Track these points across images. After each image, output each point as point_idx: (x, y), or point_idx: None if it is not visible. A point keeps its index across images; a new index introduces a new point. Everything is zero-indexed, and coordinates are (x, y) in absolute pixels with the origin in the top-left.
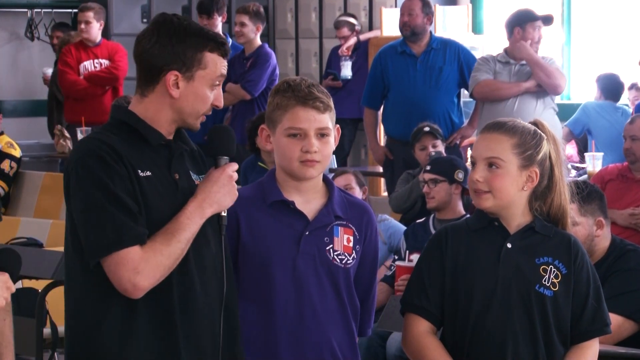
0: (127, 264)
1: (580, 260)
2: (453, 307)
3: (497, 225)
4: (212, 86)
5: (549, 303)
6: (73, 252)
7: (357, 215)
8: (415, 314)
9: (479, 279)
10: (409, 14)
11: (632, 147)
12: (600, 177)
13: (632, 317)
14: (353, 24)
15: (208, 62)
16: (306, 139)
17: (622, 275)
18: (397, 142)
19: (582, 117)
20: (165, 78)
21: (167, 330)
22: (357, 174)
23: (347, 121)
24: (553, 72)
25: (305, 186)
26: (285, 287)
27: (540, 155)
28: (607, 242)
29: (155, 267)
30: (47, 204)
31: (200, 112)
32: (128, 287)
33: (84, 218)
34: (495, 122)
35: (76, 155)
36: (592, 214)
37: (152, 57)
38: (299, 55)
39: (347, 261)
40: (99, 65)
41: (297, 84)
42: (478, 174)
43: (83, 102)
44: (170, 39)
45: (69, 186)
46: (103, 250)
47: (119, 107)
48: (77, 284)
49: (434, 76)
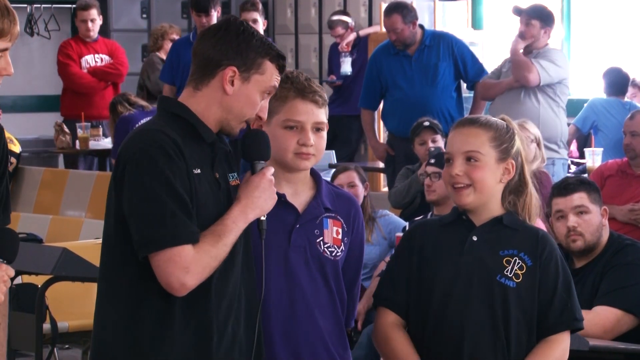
0: (178, 262)
1: (549, 254)
2: (417, 298)
3: (464, 219)
4: (263, 94)
5: (511, 294)
6: (114, 246)
7: (345, 207)
8: (383, 306)
9: (441, 270)
10: (393, 31)
11: (632, 143)
12: (600, 173)
13: (631, 311)
14: (346, 22)
15: (267, 70)
16: (303, 132)
17: (621, 269)
18: (398, 138)
19: (590, 114)
20: (223, 72)
21: (203, 329)
22: (359, 170)
23: (354, 118)
24: (519, 64)
25: (295, 178)
26: (278, 280)
27: (514, 149)
28: (606, 236)
29: (204, 268)
30: (47, 200)
31: (245, 116)
32: (175, 285)
33: (140, 209)
34: (469, 118)
35: (138, 145)
36: (599, 203)
37: (214, 50)
38: (298, 50)
39: (336, 253)
40: (99, 60)
41: (295, 76)
42: (457, 168)
43: (83, 97)
44: (237, 37)
45: (123, 175)
46: (156, 245)
47: (169, 99)
48: (115, 278)
49: (429, 73)
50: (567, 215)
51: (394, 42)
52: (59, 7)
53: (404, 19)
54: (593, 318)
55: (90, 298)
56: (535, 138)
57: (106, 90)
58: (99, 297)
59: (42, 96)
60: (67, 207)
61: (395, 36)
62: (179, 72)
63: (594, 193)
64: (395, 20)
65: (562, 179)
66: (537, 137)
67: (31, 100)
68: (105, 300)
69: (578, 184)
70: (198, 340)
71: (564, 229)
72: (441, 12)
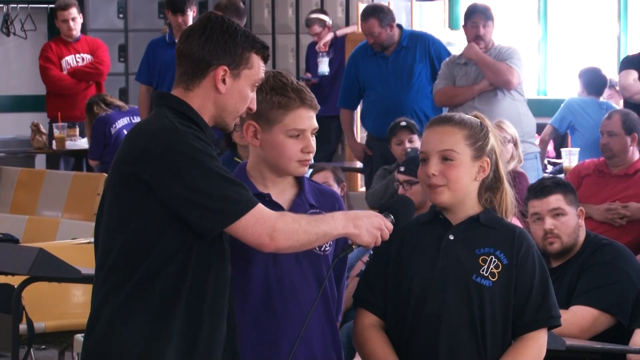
0: (265, 221)
1: (525, 252)
2: (394, 299)
3: (441, 218)
4: (253, 87)
5: (487, 293)
6: (119, 254)
7: (329, 203)
8: (362, 307)
9: (418, 270)
10: (371, 35)
11: (609, 143)
12: (577, 172)
13: (608, 311)
14: (323, 20)
15: (254, 63)
16: (305, 139)
17: (597, 269)
18: (375, 139)
19: (566, 114)
20: (215, 72)
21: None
22: (335, 171)
23: (333, 118)
24: (500, 69)
25: (280, 179)
26: (267, 280)
27: (489, 146)
28: (583, 236)
29: (292, 232)
30: (24, 200)
31: (239, 111)
32: (264, 240)
33: (204, 190)
34: (443, 116)
35: (167, 140)
36: (575, 204)
37: (203, 51)
38: (275, 51)
39: (325, 248)
40: (81, 60)
41: (290, 81)
42: (433, 167)
43: (66, 98)
44: (223, 35)
45: (153, 177)
46: (240, 211)
47: (172, 97)
48: (121, 285)
49: (405, 75)
50: (544, 218)
51: (372, 45)
52: (36, 7)
53: (380, 23)
54: (570, 318)
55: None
56: (512, 138)
57: (88, 90)
58: (110, 313)
59: (18, 96)
60: (43, 207)
61: (373, 39)
62: (155, 73)
63: (570, 194)
64: (372, 25)
65: (538, 180)
66: (514, 137)
67: (8, 100)
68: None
69: (554, 186)
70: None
71: (541, 231)
72: (418, 12)
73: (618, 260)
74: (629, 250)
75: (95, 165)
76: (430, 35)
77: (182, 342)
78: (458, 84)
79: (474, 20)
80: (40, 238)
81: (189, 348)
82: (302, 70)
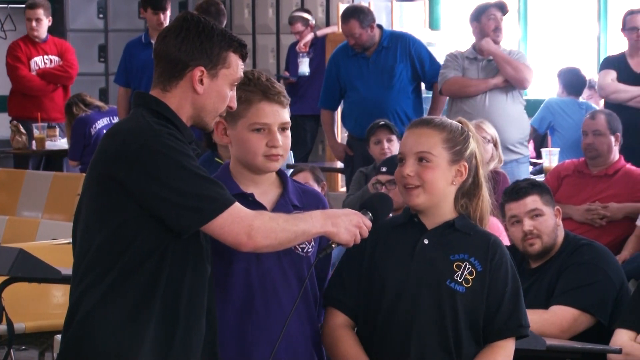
0: (242, 220)
1: (499, 260)
2: (366, 300)
3: (416, 222)
4: (232, 87)
5: (459, 299)
6: (96, 252)
7: (313, 203)
8: (333, 306)
9: (391, 273)
10: (351, 36)
11: (594, 142)
12: (557, 173)
13: (587, 310)
14: (307, 19)
15: (232, 62)
16: (271, 134)
17: (577, 269)
18: (356, 139)
19: (546, 114)
20: (192, 73)
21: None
22: (315, 171)
23: (309, 117)
24: (520, 67)
25: (262, 178)
26: (250, 279)
27: (468, 151)
28: (562, 236)
29: (269, 230)
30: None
31: (219, 111)
32: (242, 239)
33: (179, 189)
34: (423, 119)
35: (141, 139)
36: (551, 203)
37: (180, 52)
38: (256, 51)
39: (307, 249)
40: (49, 62)
41: (256, 77)
42: (408, 168)
43: (31, 99)
44: (199, 36)
45: (128, 177)
46: (213, 212)
47: (151, 97)
48: (90, 283)
49: (385, 76)
50: (522, 220)
51: (352, 46)
52: (15, 7)
53: (361, 24)
54: (550, 317)
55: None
56: (492, 138)
57: (56, 92)
58: (86, 311)
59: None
60: (23, 208)
61: (354, 41)
62: (132, 74)
63: (546, 194)
64: (353, 26)
65: (513, 183)
66: (493, 138)
67: None
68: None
69: (530, 187)
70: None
71: (520, 233)
72: (398, 12)
73: (597, 260)
74: (608, 251)
75: (75, 165)
76: (411, 35)
77: (158, 339)
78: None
79: (493, 12)
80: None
81: (165, 346)
82: (282, 71)
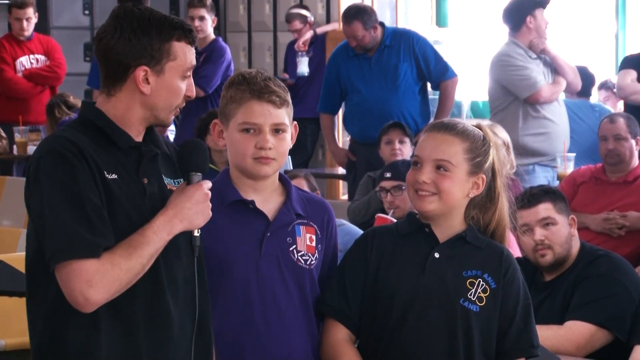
0: (80, 276)
1: (511, 275)
2: (371, 314)
3: (427, 232)
4: (184, 77)
5: (474, 319)
6: (34, 259)
7: (318, 213)
8: (335, 318)
9: (400, 287)
10: (354, 38)
11: (616, 148)
12: (572, 180)
13: (605, 326)
14: (305, 16)
15: (177, 52)
16: (260, 134)
17: (593, 281)
18: (359, 144)
19: None
20: (135, 75)
21: (130, 345)
22: (309, 178)
23: (310, 120)
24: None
25: (262, 185)
26: (249, 291)
27: (487, 163)
28: (577, 247)
29: (111, 282)
30: None
31: (173, 105)
32: (79, 300)
33: (41, 221)
34: (446, 123)
35: (38, 154)
36: (566, 212)
37: (118, 53)
38: (251, 49)
39: (311, 262)
40: (35, 61)
41: (252, 76)
42: (425, 175)
43: (18, 101)
44: (135, 32)
45: (29, 186)
46: (55, 258)
47: (87, 104)
48: (38, 294)
49: (389, 76)
50: (534, 229)
51: (354, 47)
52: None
53: (364, 26)
54: (565, 334)
55: None
56: (504, 143)
57: (43, 94)
58: (28, 316)
59: None
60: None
61: (355, 42)
62: None
63: (560, 202)
64: (356, 28)
65: (526, 189)
66: (506, 142)
67: None
68: (34, 318)
69: (542, 194)
70: (124, 354)
71: (531, 243)
72: (403, 8)
73: (615, 272)
74: (627, 262)
75: None
76: (414, 32)
77: (117, 346)
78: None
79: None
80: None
81: (127, 353)
82: (280, 71)
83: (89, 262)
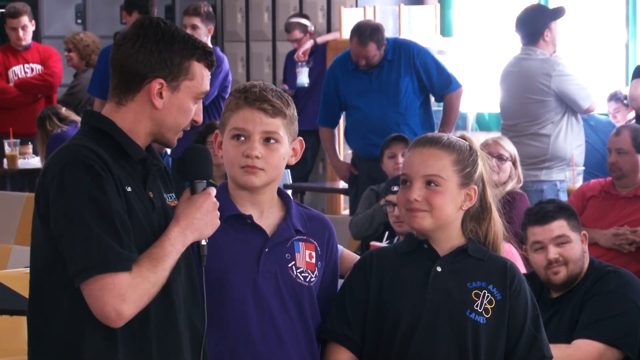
0: (113, 290)
1: (517, 286)
2: (376, 335)
3: (426, 248)
4: (196, 99)
5: (481, 330)
6: (42, 274)
7: (318, 230)
8: (337, 342)
9: (405, 304)
10: (365, 58)
11: (618, 161)
12: (582, 194)
13: (614, 345)
14: (305, 25)
15: (196, 73)
16: (249, 142)
17: (602, 298)
18: (361, 158)
19: None
20: (150, 86)
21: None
22: None
23: (309, 133)
24: None
25: (259, 199)
26: (246, 308)
27: (477, 173)
28: (586, 263)
29: (142, 295)
30: None
31: (181, 126)
32: (111, 315)
33: (69, 236)
34: (430, 137)
35: (59, 165)
36: (578, 229)
37: (136, 62)
38: (250, 59)
39: (310, 279)
40: (29, 71)
41: (252, 86)
42: (415, 192)
43: (12, 112)
44: (158, 44)
45: (47, 200)
46: (86, 273)
47: (94, 113)
48: (45, 311)
49: (390, 92)
50: (547, 247)
51: (361, 66)
52: None
53: (378, 46)
54: (573, 353)
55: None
56: (510, 156)
57: (37, 103)
58: (31, 336)
59: None
60: None
61: (364, 62)
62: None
63: (573, 219)
64: (371, 49)
65: (538, 204)
66: (512, 156)
67: None
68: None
69: (557, 211)
70: None
71: (544, 261)
72: (407, 17)
73: (625, 288)
74: (636, 278)
75: None
76: (415, 43)
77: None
78: None
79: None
80: None
81: None
82: (279, 81)
83: (121, 275)
